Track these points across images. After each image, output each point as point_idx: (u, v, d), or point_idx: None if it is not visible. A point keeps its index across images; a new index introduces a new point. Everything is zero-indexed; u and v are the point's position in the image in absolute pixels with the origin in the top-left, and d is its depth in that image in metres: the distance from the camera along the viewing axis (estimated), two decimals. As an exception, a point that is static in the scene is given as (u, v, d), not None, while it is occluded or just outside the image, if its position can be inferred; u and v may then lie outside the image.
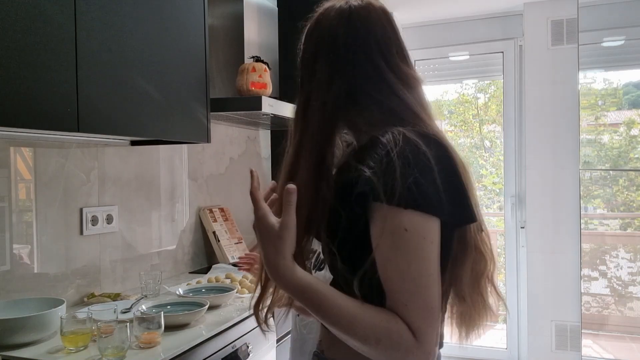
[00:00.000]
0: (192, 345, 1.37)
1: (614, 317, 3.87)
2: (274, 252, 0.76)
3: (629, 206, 3.77)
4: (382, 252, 0.75)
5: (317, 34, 0.91)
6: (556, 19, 3.08)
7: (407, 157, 0.74)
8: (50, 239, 1.66)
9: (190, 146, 2.34)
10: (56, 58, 1.24)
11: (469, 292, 0.88)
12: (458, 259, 0.86)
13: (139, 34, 1.52)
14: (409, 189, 0.73)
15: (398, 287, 0.73)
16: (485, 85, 3.84)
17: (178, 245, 2.27)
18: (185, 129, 1.74)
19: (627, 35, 3.13)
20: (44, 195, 1.64)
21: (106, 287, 1.87)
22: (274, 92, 2.42)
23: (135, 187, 2.02)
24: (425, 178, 0.74)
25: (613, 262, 3.87)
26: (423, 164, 0.75)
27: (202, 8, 1.82)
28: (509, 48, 3.34)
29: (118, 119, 1.44)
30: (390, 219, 0.73)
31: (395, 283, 0.73)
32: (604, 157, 3.57)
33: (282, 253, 0.76)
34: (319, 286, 0.76)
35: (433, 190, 0.74)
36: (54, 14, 1.24)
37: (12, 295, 1.52)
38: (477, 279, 0.88)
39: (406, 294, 0.72)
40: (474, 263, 0.87)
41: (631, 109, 3.57)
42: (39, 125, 1.21)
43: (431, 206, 0.74)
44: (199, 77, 1.81)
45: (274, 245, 0.76)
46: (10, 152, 1.56)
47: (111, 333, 1.23)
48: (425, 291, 0.73)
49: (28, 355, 1.27)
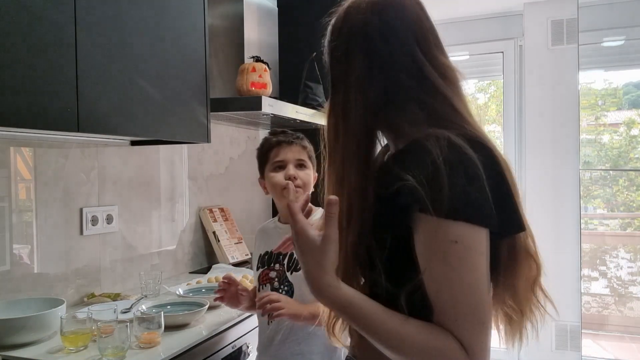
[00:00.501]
0: (192, 345, 1.37)
1: (614, 317, 3.87)
2: (316, 267, 0.73)
3: (629, 206, 3.77)
4: (430, 266, 0.71)
5: (348, 28, 0.84)
6: (556, 19, 3.07)
7: (454, 165, 0.70)
8: (50, 239, 1.66)
9: (190, 146, 2.34)
10: (56, 58, 1.24)
11: (525, 300, 0.84)
12: (510, 269, 0.82)
13: (139, 34, 1.52)
14: (458, 199, 0.69)
15: (447, 302, 0.70)
16: (485, 85, 3.84)
17: (178, 245, 2.27)
18: (185, 129, 1.74)
19: (627, 35, 3.13)
20: (44, 195, 1.64)
21: (106, 287, 1.87)
22: (274, 92, 2.42)
23: (135, 187, 2.03)
24: (473, 187, 0.70)
25: (613, 262, 3.87)
26: (471, 172, 0.70)
27: (202, 8, 1.82)
28: (509, 48, 3.34)
29: (118, 119, 1.44)
30: (438, 231, 0.69)
31: (444, 297, 0.70)
32: (604, 157, 3.57)
33: (325, 268, 0.72)
34: (364, 302, 0.73)
35: (482, 199, 0.70)
36: (54, 15, 1.24)
37: (12, 295, 1.52)
38: (532, 285, 0.84)
39: (456, 308, 0.69)
40: (527, 269, 0.83)
41: (631, 109, 3.57)
42: (39, 125, 1.21)
43: (481, 217, 0.70)
44: (199, 77, 1.81)
45: (316, 260, 0.73)
46: (10, 152, 1.56)
47: (111, 333, 1.23)
48: (475, 305, 0.69)
49: (28, 355, 1.28)
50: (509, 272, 0.82)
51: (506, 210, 0.74)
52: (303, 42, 2.63)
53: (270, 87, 2.20)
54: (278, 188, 1.45)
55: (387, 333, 0.71)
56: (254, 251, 1.59)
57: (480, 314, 0.70)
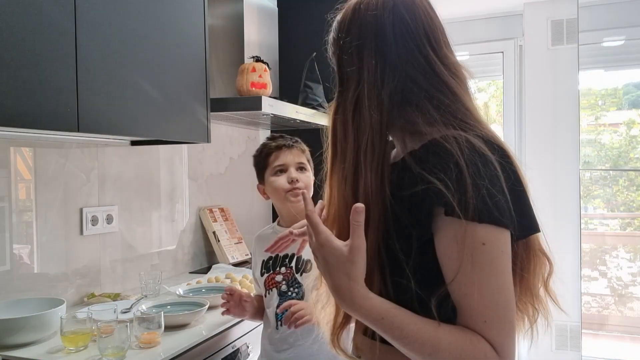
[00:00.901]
0: (192, 345, 1.37)
1: (614, 317, 3.87)
2: (345, 279, 0.71)
3: (629, 206, 3.77)
4: (460, 269, 0.70)
5: (359, 25, 0.82)
6: (556, 19, 3.07)
7: (476, 166, 0.70)
8: (50, 239, 1.66)
9: (190, 146, 2.34)
10: (56, 58, 1.24)
11: (538, 297, 0.86)
12: (526, 268, 0.82)
13: (139, 34, 1.52)
14: (483, 202, 0.68)
15: (477, 304, 0.69)
16: (485, 85, 3.84)
17: (178, 245, 2.27)
18: (185, 129, 1.74)
19: (627, 35, 3.13)
20: (44, 195, 1.64)
21: (106, 287, 1.87)
22: (274, 92, 2.42)
23: (135, 187, 2.02)
24: (495, 188, 0.69)
25: (613, 262, 3.87)
26: (492, 173, 0.70)
27: (202, 8, 1.82)
28: (509, 48, 3.34)
29: (118, 119, 1.44)
30: (466, 233, 0.69)
31: (474, 300, 0.69)
32: (604, 157, 3.57)
33: (356, 279, 0.71)
34: (398, 311, 0.71)
35: (504, 201, 0.70)
36: (54, 14, 1.24)
37: (12, 295, 1.52)
38: (545, 284, 0.86)
39: (486, 310, 0.69)
40: (542, 268, 0.85)
41: (631, 109, 3.57)
42: (39, 125, 1.21)
43: (505, 218, 0.70)
44: (199, 77, 1.81)
45: (345, 272, 0.71)
46: (10, 152, 1.56)
47: (111, 333, 1.23)
48: (504, 305, 0.70)
49: (28, 355, 1.28)
50: (527, 271, 0.82)
51: (523, 212, 0.75)
52: (303, 42, 2.63)
53: (270, 87, 2.20)
54: (281, 192, 1.44)
55: (422, 340, 0.69)
56: (254, 258, 1.58)
57: (509, 314, 0.70)
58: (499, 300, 0.69)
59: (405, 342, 0.70)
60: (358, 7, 0.84)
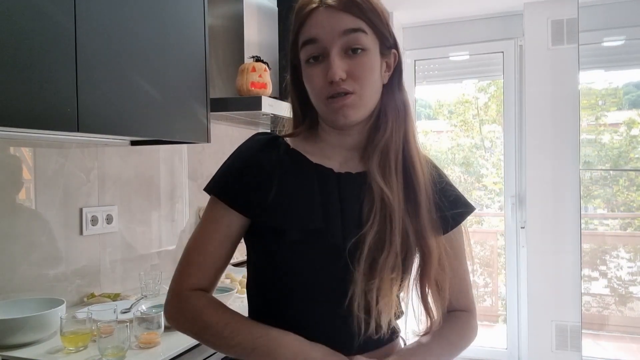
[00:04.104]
0: (192, 345, 1.37)
1: (614, 317, 3.87)
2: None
3: (629, 206, 3.77)
4: (461, 264, 0.91)
5: (366, 6, 0.87)
6: (556, 19, 3.07)
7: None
8: (50, 239, 1.66)
9: (190, 146, 2.33)
10: (56, 58, 1.24)
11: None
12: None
13: (139, 34, 1.52)
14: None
15: (468, 286, 0.92)
16: (486, 85, 3.84)
17: (178, 245, 2.26)
18: (185, 129, 1.74)
19: (627, 35, 3.13)
20: (44, 195, 1.64)
21: (106, 287, 1.86)
22: (274, 92, 2.41)
23: (135, 187, 2.02)
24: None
25: (613, 262, 3.87)
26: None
27: (202, 8, 1.82)
28: (509, 48, 3.34)
29: (118, 119, 1.44)
30: (463, 235, 0.91)
31: (469, 283, 0.92)
32: (604, 157, 3.57)
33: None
34: (426, 353, 0.83)
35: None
36: (54, 14, 1.24)
37: (12, 295, 1.52)
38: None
39: (469, 288, 0.93)
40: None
41: (631, 109, 3.57)
42: (39, 125, 1.21)
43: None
44: (199, 77, 1.81)
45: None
46: (10, 152, 1.56)
47: (111, 333, 1.23)
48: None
49: (28, 355, 1.28)
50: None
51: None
52: (303, 42, 2.62)
53: (270, 87, 2.20)
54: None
55: (442, 357, 0.85)
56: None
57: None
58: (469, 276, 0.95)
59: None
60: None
